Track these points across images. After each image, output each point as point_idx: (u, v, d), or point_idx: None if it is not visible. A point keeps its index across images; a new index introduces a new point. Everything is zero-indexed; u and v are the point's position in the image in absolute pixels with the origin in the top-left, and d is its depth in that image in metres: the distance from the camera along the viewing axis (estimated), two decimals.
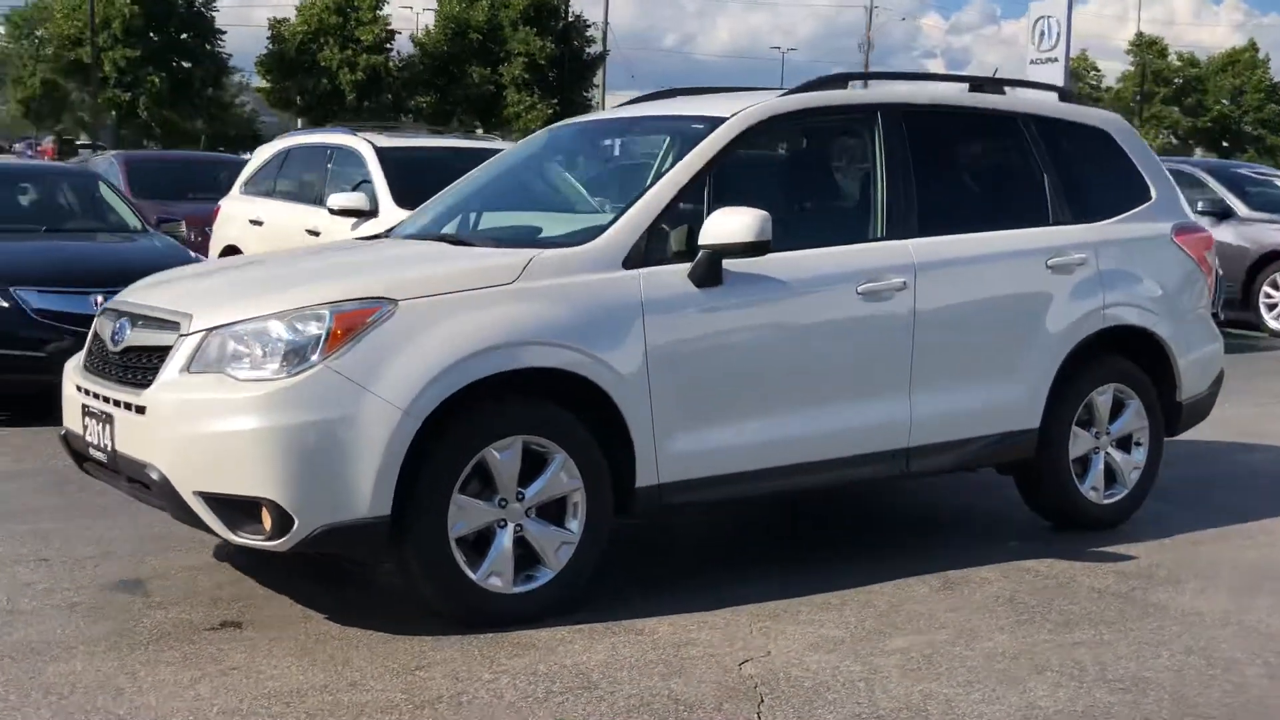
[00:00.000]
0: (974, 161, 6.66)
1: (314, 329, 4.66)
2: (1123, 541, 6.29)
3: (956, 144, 6.51)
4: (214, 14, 52.53)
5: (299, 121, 50.75)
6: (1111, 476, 6.55)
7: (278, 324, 4.70)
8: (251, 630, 4.87)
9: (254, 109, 65.32)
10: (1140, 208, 6.74)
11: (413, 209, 6.95)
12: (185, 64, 51.83)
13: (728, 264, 5.30)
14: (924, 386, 5.82)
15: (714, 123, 5.65)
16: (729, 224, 5.17)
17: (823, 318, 5.60)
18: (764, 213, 5.20)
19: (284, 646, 4.70)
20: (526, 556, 4.99)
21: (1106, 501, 6.53)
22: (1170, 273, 6.73)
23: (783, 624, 5.04)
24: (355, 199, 10.63)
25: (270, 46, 53.28)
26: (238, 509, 4.65)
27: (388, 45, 54.06)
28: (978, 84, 6.62)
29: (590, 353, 4.99)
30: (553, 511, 5.04)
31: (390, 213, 10.12)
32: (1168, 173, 7.05)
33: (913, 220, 5.91)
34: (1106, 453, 6.51)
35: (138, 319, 5.18)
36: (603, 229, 5.29)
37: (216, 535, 4.78)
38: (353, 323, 4.67)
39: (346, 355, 4.62)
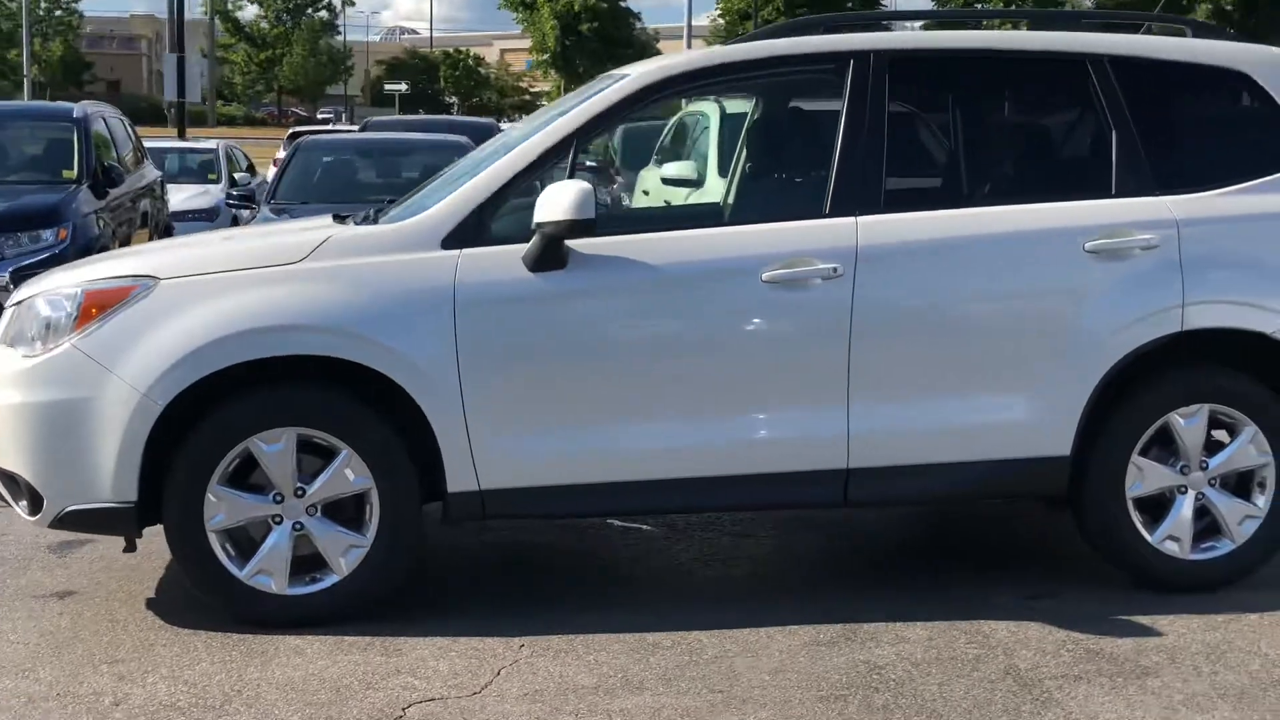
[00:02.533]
0: (993, 119, 5.29)
1: (67, 307, 4.59)
2: (1169, 610, 4.81)
3: (967, 98, 5.20)
4: None
5: None
6: (1212, 526, 5.02)
7: (41, 301, 4.69)
8: (74, 602, 4.92)
9: None
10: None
11: None
12: None
13: (583, 245, 4.62)
14: (869, 396, 4.75)
15: (611, 83, 4.93)
16: (553, 199, 4.50)
17: (708, 311, 4.72)
18: (586, 186, 4.49)
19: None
20: (320, 557, 4.66)
21: (1196, 557, 5.01)
22: None
23: (546, 661, 4.35)
24: (684, 168, 10.36)
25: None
26: (11, 482, 4.70)
27: None
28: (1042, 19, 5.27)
29: (377, 340, 4.54)
30: (348, 512, 4.66)
31: (714, 184, 9.79)
32: None
33: (874, 193, 4.82)
34: (1201, 493, 4.98)
35: None
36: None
37: None
38: (104, 301, 4.56)
39: (93, 334, 4.52)
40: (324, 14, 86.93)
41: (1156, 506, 5.00)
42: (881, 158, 4.84)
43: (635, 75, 4.92)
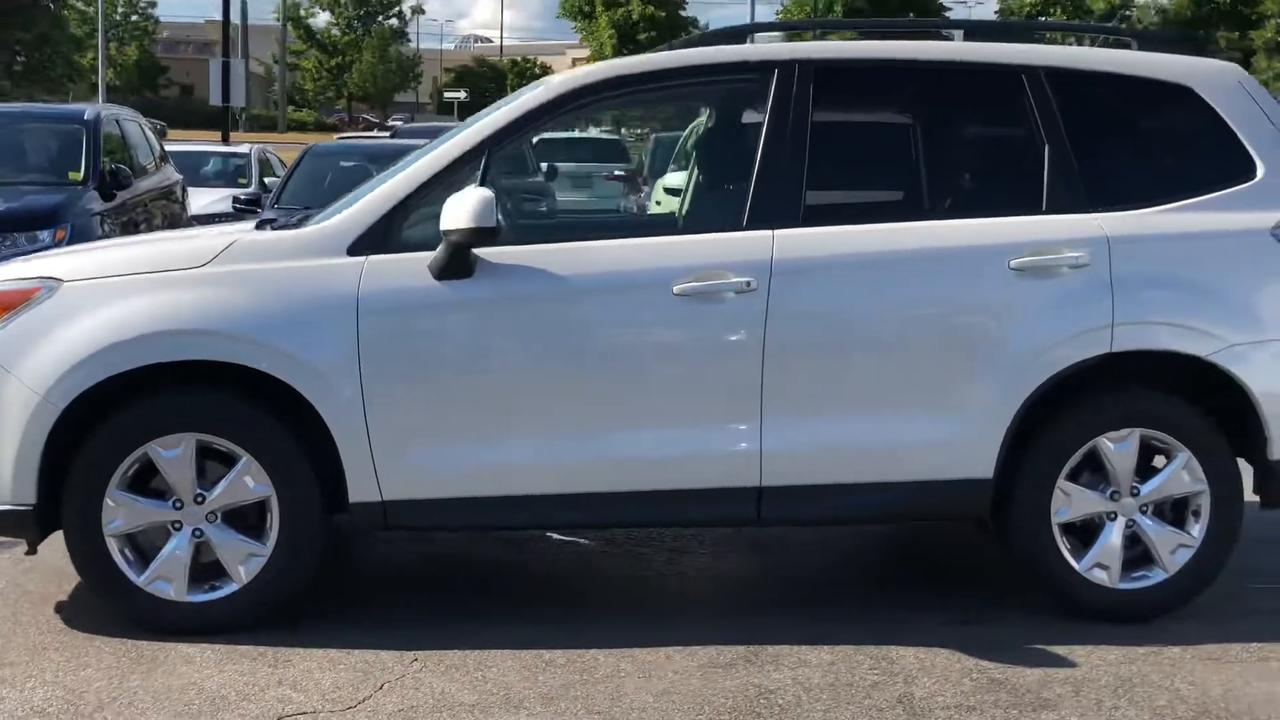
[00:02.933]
0: (921, 133, 5.11)
1: None
2: (1099, 640, 4.65)
3: (895, 111, 5.09)
4: None
5: None
6: (1144, 554, 4.86)
7: None
8: None
9: None
10: (1228, 190, 4.89)
11: None
12: None
13: (493, 255, 4.56)
14: (783, 413, 4.64)
15: (529, 92, 4.86)
16: (455, 207, 4.44)
17: (616, 322, 4.63)
18: (487, 194, 4.43)
19: None
20: (220, 564, 4.62)
21: (1126, 586, 4.84)
22: (1265, 280, 4.84)
23: (433, 676, 4.28)
24: (682, 178, 10.28)
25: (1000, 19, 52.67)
26: None
27: (1126, 12, 51.26)
28: (974, 29, 5.13)
29: (277, 347, 4.50)
30: (249, 520, 4.62)
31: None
32: None
33: (793, 206, 4.71)
34: (1132, 521, 4.82)
35: None
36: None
37: None
38: (7, 302, 4.56)
39: None
40: (394, 21, 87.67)
41: (1087, 532, 4.85)
42: (802, 170, 4.73)
43: (552, 84, 4.86)
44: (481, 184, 4.62)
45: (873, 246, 4.70)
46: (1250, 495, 4.95)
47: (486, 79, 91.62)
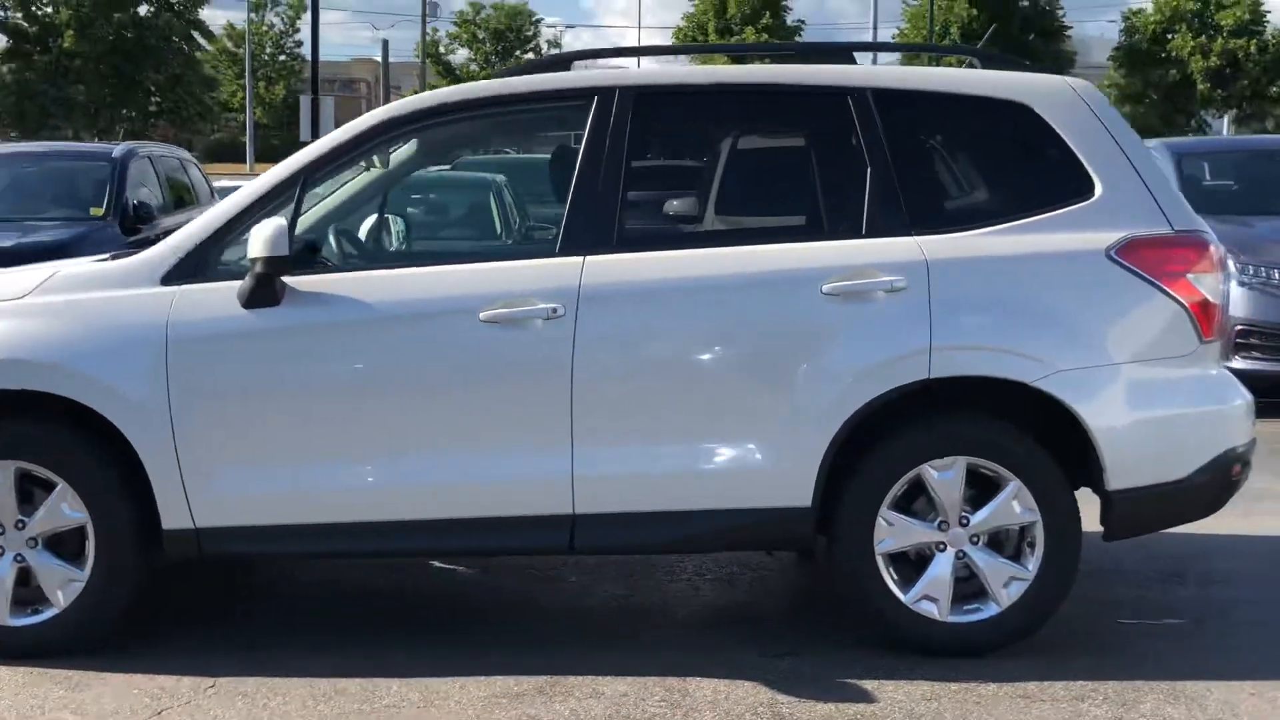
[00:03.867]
0: (742, 157, 5.05)
1: None
2: (914, 676, 4.51)
3: (716, 135, 5.03)
4: (1061, 10, 51.50)
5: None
6: (978, 587, 4.71)
7: None
8: None
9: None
10: (1064, 210, 4.72)
11: None
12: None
13: (302, 283, 4.62)
14: (594, 441, 4.60)
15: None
16: (254, 236, 4.51)
17: (422, 350, 4.64)
18: (280, 222, 4.48)
19: None
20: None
21: (957, 620, 4.69)
22: (1099, 304, 4.67)
23: (216, 704, 4.32)
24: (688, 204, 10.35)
25: (1123, 39, 51.22)
26: None
27: (1256, 28, 49.60)
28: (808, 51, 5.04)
29: (89, 376, 4.60)
30: (71, 546, 4.72)
31: None
32: (1154, 157, 4.88)
33: (607, 232, 4.68)
34: (962, 552, 4.68)
35: None
36: None
37: None
38: None
39: None
40: (530, 56, 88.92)
41: (919, 563, 4.72)
42: (617, 197, 4.70)
43: (371, 114, 4.90)
44: (296, 213, 4.69)
45: (682, 272, 4.64)
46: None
47: None
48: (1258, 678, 4.54)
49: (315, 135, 24.81)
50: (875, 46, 5.02)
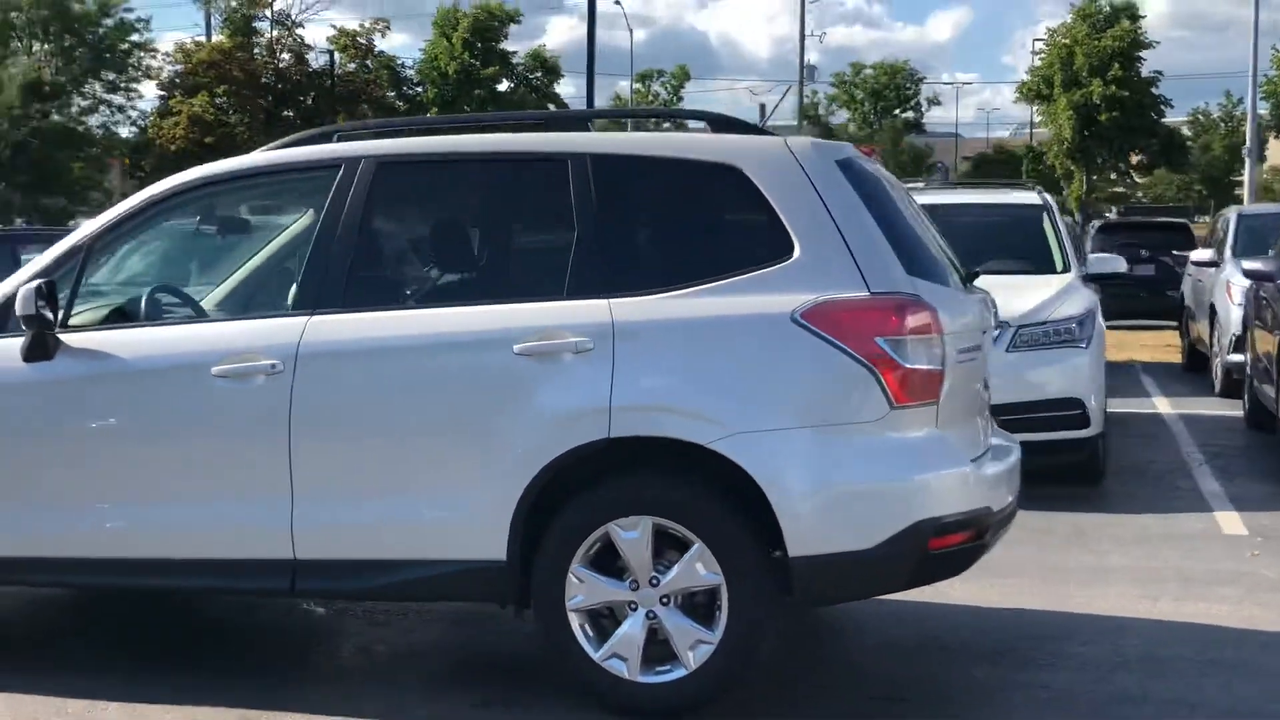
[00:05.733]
0: (464, 222, 5.19)
1: None
2: None
3: (441, 201, 5.25)
4: None
5: None
6: (667, 647, 4.71)
7: None
8: None
9: None
10: (759, 272, 4.69)
11: None
12: None
13: (77, 339, 5.15)
14: (311, 491, 4.90)
15: None
16: (19, 296, 5.06)
17: (160, 402, 5.06)
18: (30, 286, 5.01)
19: None
20: None
21: (648, 680, 4.69)
22: (783, 367, 4.60)
23: None
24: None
25: None
26: None
27: None
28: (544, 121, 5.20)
29: None
30: None
31: None
32: (868, 219, 4.74)
33: (336, 292, 4.98)
34: (652, 612, 4.69)
35: None
36: None
37: None
38: None
39: None
40: (910, 114, 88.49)
41: (615, 621, 4.76)
42: (348, 259, 5.00)
43: (149, 188, 5.40)
44: (80, 277, 5.23)
45: (391, 332, 4.89)
46: None
47: (1000, 163, 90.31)
48: None
49: None
50: (599, 114, 5.08)
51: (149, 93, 44.96)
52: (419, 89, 49.09)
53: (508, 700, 4.91)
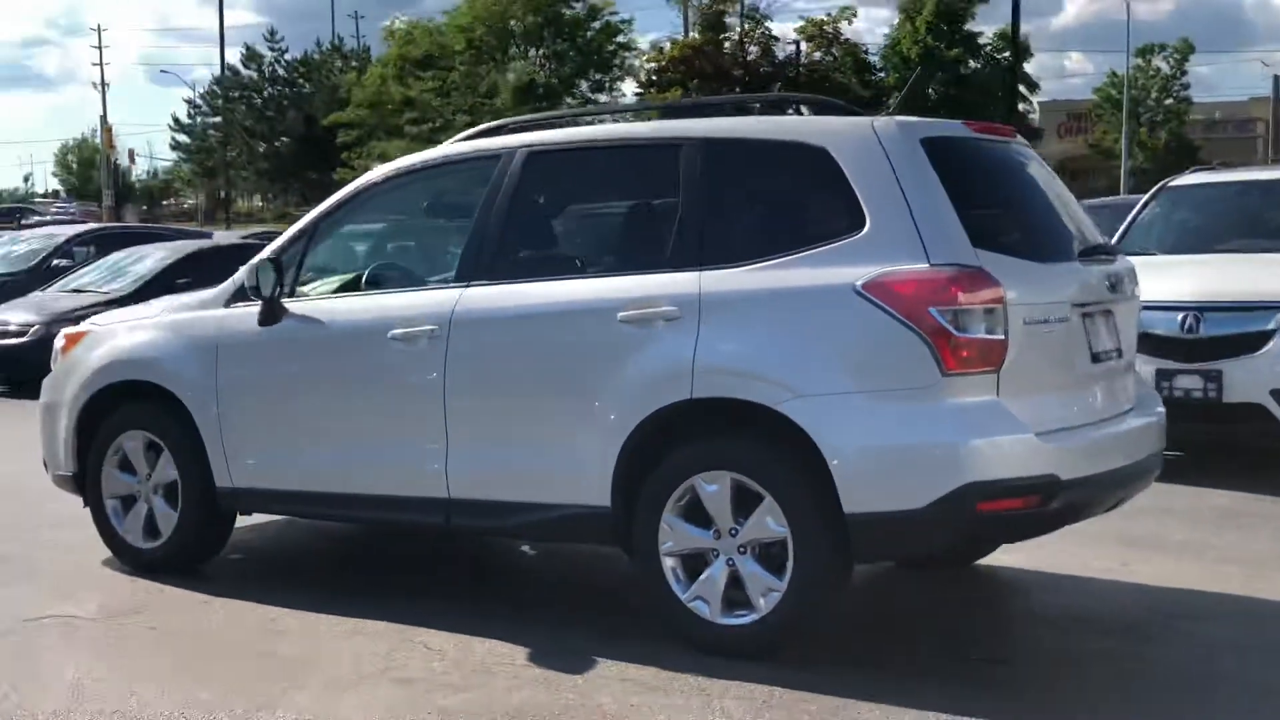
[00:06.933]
0: (592, 204, 5.67)
1: (59, 342, 7.00)
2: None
3: (575, 187, 5.82)
4: None
5: None
6: (744, 593, 5.09)
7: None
8: None
9: None
10: (831, 245, 4.96)
11: None
12: None
13: (298, 306, 6.12)
14: (460, 441, 5.62)
15: None
16: (244, 270, 6.09)
17: (355, 360, 5.91)
18: (251, 262, 6.00)
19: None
20: None
21: (727, 622, 5.08)
22: (845, 335, 4.88)
23: None
24: None
25: None
26: None
27: None
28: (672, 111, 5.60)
29: (172, 371, 6.37)
30: None
31: None
32: (939, 194, 4.88)
33: (486, 266, 5.66)
34: (731, 559, 5.08)
35: None
36: None
37: None
38: (72, 340, 6.91)
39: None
40: None
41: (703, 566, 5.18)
42: (496, 237, 5.67)
43: (361, 178, 6.26)
44: (304, 255, 6.19)
45: (518, 301, 5.52)
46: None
47: None
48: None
49: None
50: (705, 103, 5.38)
51: (628, 90, 47.81)
52: (881, 74, 49.30)
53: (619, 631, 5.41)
